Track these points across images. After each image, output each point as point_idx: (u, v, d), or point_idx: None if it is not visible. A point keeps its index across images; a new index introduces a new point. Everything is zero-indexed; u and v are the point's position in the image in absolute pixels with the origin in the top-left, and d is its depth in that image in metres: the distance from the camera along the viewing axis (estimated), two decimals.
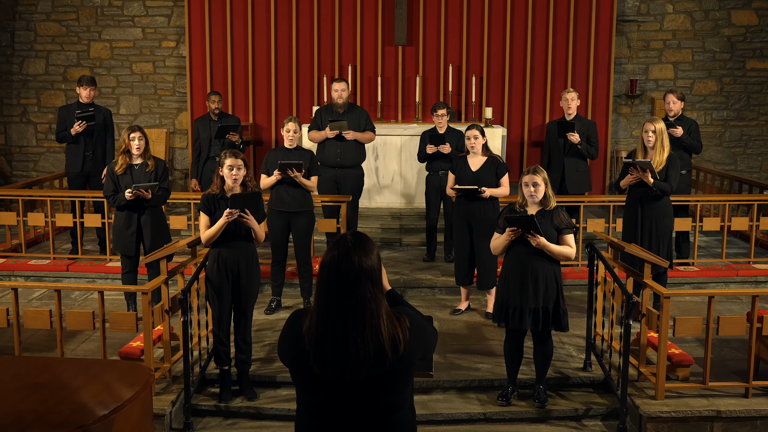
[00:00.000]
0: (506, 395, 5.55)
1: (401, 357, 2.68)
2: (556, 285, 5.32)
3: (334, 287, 2.66)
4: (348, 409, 2.71)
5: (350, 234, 2.76)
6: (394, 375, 2.70)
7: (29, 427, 3.35)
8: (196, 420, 5.43)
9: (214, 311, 5.59)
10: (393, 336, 2.66)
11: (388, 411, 2.74)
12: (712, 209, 9.40)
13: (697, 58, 11.32)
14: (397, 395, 2.74)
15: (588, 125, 8.35)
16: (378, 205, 9.80)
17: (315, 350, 2.67)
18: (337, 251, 2.69)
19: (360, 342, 2.63)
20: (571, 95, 8.28)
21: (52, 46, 11.33)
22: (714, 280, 8.01)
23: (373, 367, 2.65)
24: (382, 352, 2.64)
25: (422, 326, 2.81)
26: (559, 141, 8.27)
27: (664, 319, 5.36)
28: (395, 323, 2.69)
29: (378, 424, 2.73)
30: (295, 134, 6.90)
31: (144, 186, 6.47)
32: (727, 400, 5.44)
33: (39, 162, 11.60)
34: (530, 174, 5.32)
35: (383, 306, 2.69)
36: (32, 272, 8.04)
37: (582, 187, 8.40)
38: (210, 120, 8.85)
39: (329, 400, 2.72)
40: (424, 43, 10.81)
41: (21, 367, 4.13)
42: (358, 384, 2.67)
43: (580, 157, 8.30)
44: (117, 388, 3.73)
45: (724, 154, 11.55)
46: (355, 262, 2.66)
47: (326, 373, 2.66)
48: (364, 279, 2.66)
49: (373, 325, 2.64)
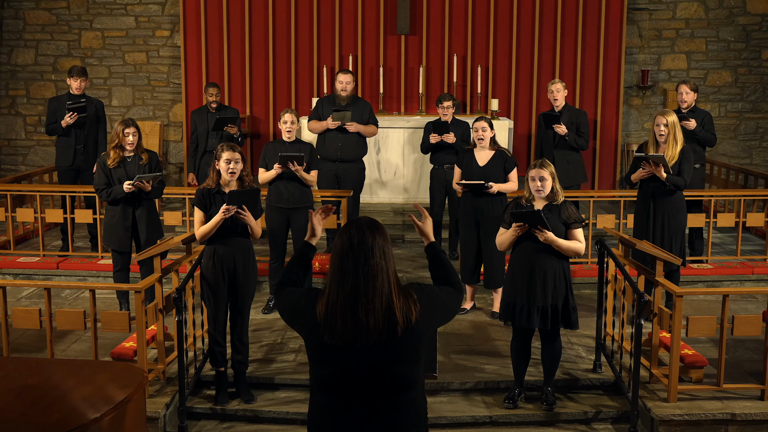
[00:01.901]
0: (513, 397, 5.54)
1: (413, 327, 2.88)
2: (565, 281, 5.31)
3: (346, 259, 2.88)
4: (360, 384, 2.86)
5: (364, 217, 3.01)
6: (405, 345, 2.88)
7: (18, 430, 3.34)
8: (191, 423, 5.43)
9: (209, 310, 5.58)
10: (404, 305, 2.88)
11: (400, 386, 2.89)
12: (726, 204, 9.39)
13: (711, 48, 11.29)
14: (408, 367, 2.89)
15: (577, 115, 8.36)
16: (380, 200, 9.79)
17: (326, 319, 2.88)
18: (350, 228, 2.94)
19: (370, 308, 2.83)
20: (556, 86, 8.29)
21: (42, 35, 11.32)
22: (728, 278, 8.00)
23: (382, 333, 2.84)
24: (393, 319, 2.84)
25: (434, 297, 3.01)
26: (547, 133, 8.30)
27: (677, 318, 5.35)
28: (407, 295, 2.92)
29: (391, 400, 2.88)
30: (293, 125, 6.89)
31: (146, 177, 6.47)
32: (742, 403, 5.43)
33: (28, 156, 11.60)
34: (537, 168, 5.32)
35: (394, 277, 2.91)
36: (21, 270, 8.04)
37: (575, 178, 8.38)
38: (208, 112, 8.85)
39: (342, 373, 2.87)
40: (428, 32, 10.79)
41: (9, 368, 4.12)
42: (370, 351, 2.84)
43: (570, 148, 8.31)
44: (109, 390, 3.72)
45: (738, 147, 11.53)
46: (367, 237, 2.90)
47: (336, 341, 2.85)
48: (377, 251, 2.89)
49: (384, 292, 2.86)
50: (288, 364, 6.01)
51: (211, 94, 8.85)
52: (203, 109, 8.97)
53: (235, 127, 8.49)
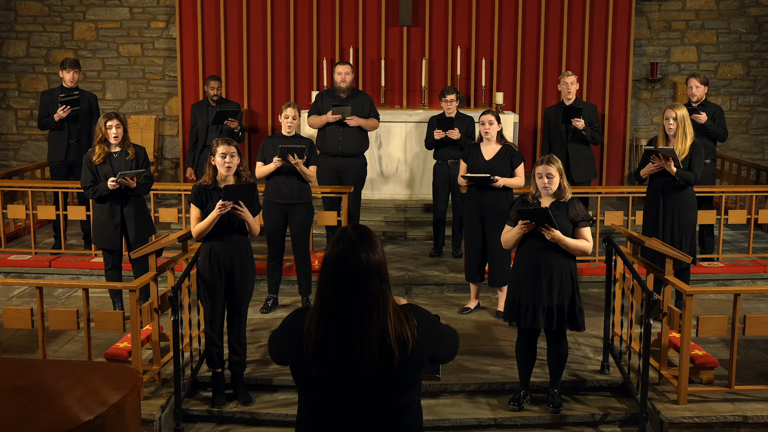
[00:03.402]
0: (518, 399, 5.53)
1: (410, 357, 2.69)
2: (572, 281, 5.30)
3: (341, 285, 2.67)
4: (352, 410, 2.72)
5: (351, 227, 2.76)
6: (402, 376, 2.71)
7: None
8: (187, 426, 5.43)
9: (206, 310, 5.58)
10: (401, 335, 2.68)
11: (394, 413, 2.75)
12: (738, 201, 9.37)
13: (722, 40, 11.26)
14: (404, 396, 2.76)
15: (590, 109, 8.38)
16: (381, 196, 9.78)
17: (315, 352, 2.68)
18: (340, 246, 2.70)
19: (365, 342, 2.64)
20: (570, 78, 8.29)
21: (34, 26, 11.31)
22: (740, 277, 7.99)
23: (378, 368, 2.66)
24: (389, 352, 2.66)
25: (432, 323, 2.83)
26: (561, 127, 8.30)
27: (687, 318, 5.34)
28: (403, 321, 2.70)
29: (384, 426, 2.74)
30: (294, 120, 6.89)
31: (129, 174, 6.45)
32: (754, 405, 5.42)
33: (20, 150, 11.59)
34: (544, 164, 5.30)
35: (391, 303, 2.71)
36: (12, 268, 8.03)
37: (588, 175, 8.43)
38: (208, 105, 8.85)
39: (333, 401, 2.73)
40: (431, 24, 10.77)
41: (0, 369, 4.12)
42: (364, 385, 2.69)
43: (584, 143, 8.32)
44: (103, 392, 3.72)
45: (750, 142, 11.51)
46: (362, 258, 2.67)
47: (327, 376, 2.67)
48: (372, 275, 2.67)
49: (380, 323, 2.65)
50: (286, 366, 5.99)
51: (213, 87, 8.85)
52: (203, 102, 8.97)
53: (236, 122, 8.49)
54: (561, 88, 8.38)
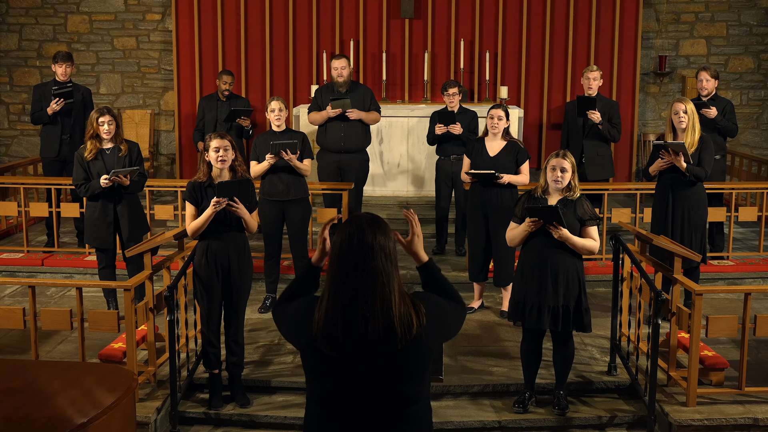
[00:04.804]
0: (523, 401, 5.53)
1: (417, 342, 2.80)
2: (578, 281, 5.29)
3: (346, 261, 2.79)
4: (362, 399, 2.81)
5: (365, 214, 2.90)
6: (410, 361, 2.80)
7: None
8: (183, 428, 5.43)
9: (202, 309, 5.58)
10: (405, 316, 2.78)
11: (404, 402, 2.84)
12: (748, 198, 9.36)
13: (733, 32, 11.25)
14: (413, 386, 2.84)
15: (610, 105, 8.33)
16: (383, 193, 9.78)
17: (324, 329, 2.79)
18: (351, 228, 2.82)
19: (370, 315, 2.75)
20: (594, 74, 8.24)
21: (26, 19, 11.30)
22: (751, 276, 7.99)
23: (383, 345, 2.76)
24: (392, 330, 2.76)
25: (442, 312, 2.92)
26: (578, 121, 8.24)
27: (696, 318, 5.34)
28: (409, 306, 2.81)
29: (394, 416, 2.83)
30: (282, 113, 6.87)
31: (122, 171, 6.45)
32: (765, 407, 5.41)
33: (11, 146, 11.59)
34: (558, 158, 5.30)
35: (396, 281, 2.81)
36: (4, 267, 8.04)
37: (603, 173, 8.36)
38: (218, 100, 8.87)
39: (343, 390, 2.81)
40: (433, 16, 10.76)
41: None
42: (374, 371, 2.78)
43: (601, 140, 8.26)
44: (97, 394, 3.72)
45: (761, 137, 11.49)
46: (368, 237, 2.80)
47: (335, 352, 2.77)
48: (378, 252, 2.79)
49: (384, 298, 2.76)
50: (285, 366, 6.01)
51: (225, 81, 8.92)
52: (213, 96, 9.01)
53: (247, 120, 8.53)
54: (583, 82, 8.35)
